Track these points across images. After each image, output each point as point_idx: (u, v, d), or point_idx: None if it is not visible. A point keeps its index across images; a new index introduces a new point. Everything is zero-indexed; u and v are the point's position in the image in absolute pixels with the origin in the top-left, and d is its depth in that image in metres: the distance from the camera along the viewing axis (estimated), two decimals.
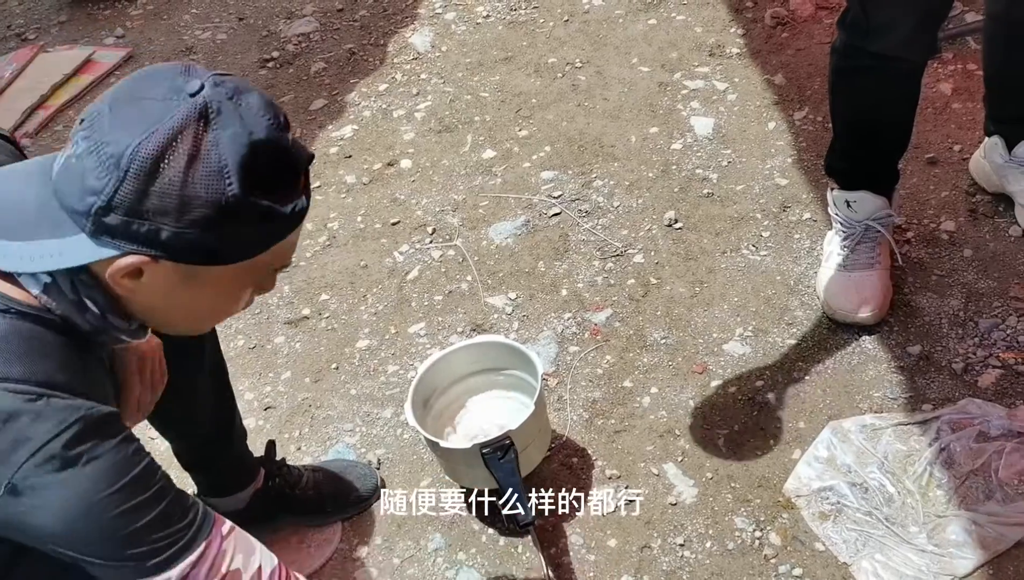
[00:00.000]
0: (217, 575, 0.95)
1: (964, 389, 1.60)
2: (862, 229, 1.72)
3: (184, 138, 0.85)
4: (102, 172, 0.85)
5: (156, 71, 0.90)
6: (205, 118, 0.86)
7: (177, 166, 0.85)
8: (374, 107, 2.51)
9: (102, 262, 0.89)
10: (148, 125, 0.85)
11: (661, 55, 2.45)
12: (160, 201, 0.85)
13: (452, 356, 1.63)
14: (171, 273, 0.90)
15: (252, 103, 0.89)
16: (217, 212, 0.86)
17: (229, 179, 0.86)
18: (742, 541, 1.48)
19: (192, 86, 0.86)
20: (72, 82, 2.81)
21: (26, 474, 0.85)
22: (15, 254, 0.89)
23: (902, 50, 1.56)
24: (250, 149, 0.87)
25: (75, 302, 0.92)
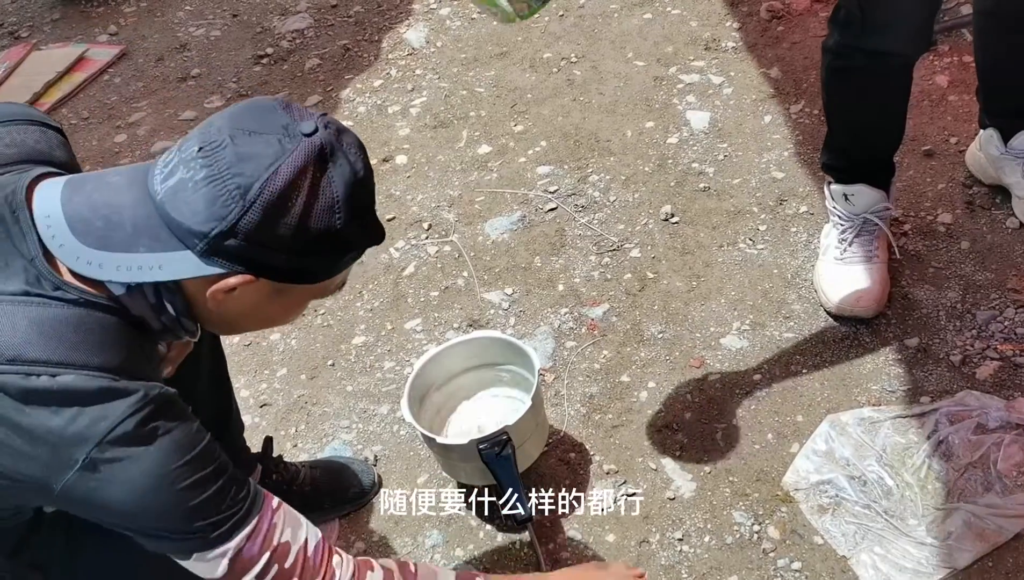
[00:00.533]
0: (269, 548, 1.01)
1: (962, 381, 1.59)
2: (860, 222, 1.72)
3: (306, 177, 0.94)
4: (228, 201, 0.92)
5: (262, 106, 0.98)
6: (323, 159, 0.95)
7: (300, 202, 0.94)
8: (369, 103, 2.50)
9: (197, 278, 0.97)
10: (272, 161, 0.93)
11: (656, 49, 2.44)
12: (279, 232, 0.94)
13: (448, 352, 1.63)
14: (264, 289, 0.99)
15: (351, 142, 0.99)
16: (325, 241, 0.97)
17: (339, 213, 0.96)
18: (741, 535, 1.48)
19: (306, 128, 0.95)
20: (66, 80, 2.80)
21: (104, 449, 0.91)
22: (111, 265, 0.95)
23: (899, 46, 1.55)
24: (355, 186, 0.97)
25: (155, 305, 0.99)
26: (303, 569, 1.04)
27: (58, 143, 1.11)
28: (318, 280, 1.02)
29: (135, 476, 0.93)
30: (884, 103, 1.66)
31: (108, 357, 0.94)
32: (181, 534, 0.98)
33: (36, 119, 1.12)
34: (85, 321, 0.95)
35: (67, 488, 0.93)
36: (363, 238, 1.03)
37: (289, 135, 0.95)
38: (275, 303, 1.03)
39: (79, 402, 0.92)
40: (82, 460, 0.92)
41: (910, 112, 1.74)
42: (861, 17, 1.53)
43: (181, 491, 0.96)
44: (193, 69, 2.76)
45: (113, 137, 2.57)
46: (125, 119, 2.63)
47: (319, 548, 1.07)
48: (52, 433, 0.91)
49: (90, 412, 0.91)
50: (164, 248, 0.95)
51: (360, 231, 1.01)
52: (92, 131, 2.61)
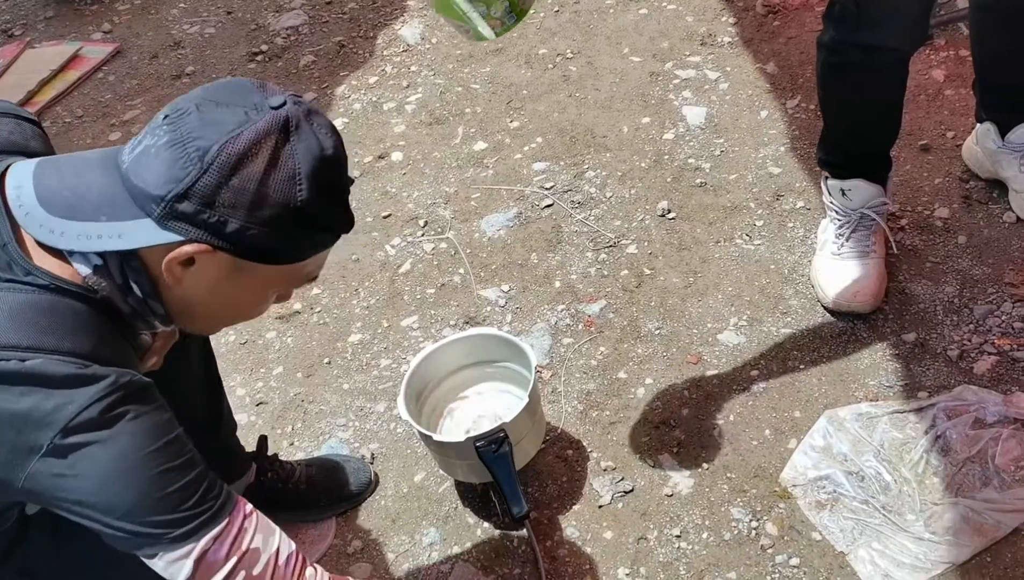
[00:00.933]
0: (237, 552, 0.99)
1: (960, 376, 1.59)
2: (857, 217, 1.71)
3: (267, 143, 0.93)
4: (186, 162, 0.92)
5: (236, 83, 0.98)
6: (287, 129, 0.94)
7: (257, 167, 0.93)
8: (364, 100, 2.49)
9: (156, 249, 0.95)
10: (235, 127, 0.93)
11: (652, 45, 2.43)
12: (235, 196, 0.92)
13: (445, 349, 1.62)
14: (222, 265, 0.97)
15: (322, 123, 0.99)
16: (284, 213, 0.95)
17: (300, 185, 0.94)
18: (739, 531, 1.47)
19: (274, 101, 0.95)
20: (59, 78, 2.79)
21: (68, 435, 0.90)
22: (72, 233, 0.94)
23: (894, 41, 1.55)
24: (320, 161, 0.96)
25: (121, 285, 0.97)
26: (273, 578, 1.01)
27: (33, 134, 1.11)
28: (280, 260, 0.99)
29: (99, 463, 0.91)
30: (880, 98, 1.66)
31: (79, 342, 0.93)
32: (146, 528, 0.95)
33: (9, 111, 1.11)
34: (56, 306, 0.94)
35: (31, 475, 0.91)
36: (327, 220, 1.00)
37: (257, 108, 0.95)
38: (234, 286, 1.00)
39: (46, 386, 0.90)
40: (46, 445, 0.90)
41: (906, 107, 1.74)
42: (856, 12, 1.52)
43: (149, 479, 0.94)
44: (187, 67, 2.75)
45: (108, 135, 2.56)
46: (119, 117, 2.62)
47: (291, 559, 1.04)
48: (17, 417, 0.90)
49: (56, 396, 0.90)
50: (124, 216, 0.94)
51: (323, 211, 0.98)
52: (86, 129, 2.60)
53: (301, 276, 1.05)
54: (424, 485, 1.63)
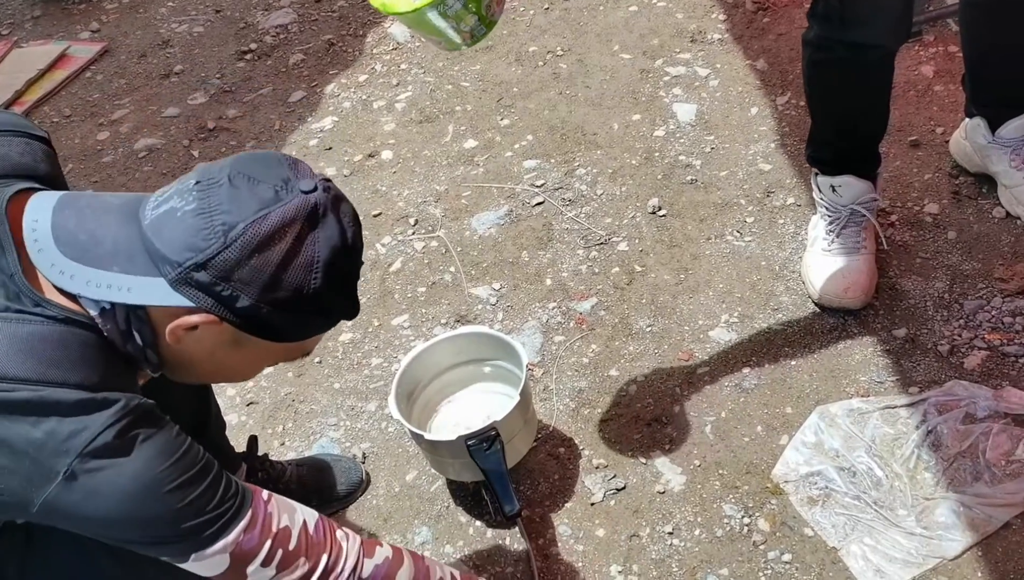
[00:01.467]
0: (269, 535, 1.02)
1: (950, 371, 1.59)
2: (847, 213, 1.71)
3: (292, 229, 0.95)
4: (209, 234, 0.93)
5: (270, 157, 1.00)
6: (314, 217, 0.96)
7: (279, 251, 0.94)
8: (354, 98, 2.48)
9: (164, 307, 0.96)
10: (262, 206, 0.94)
11: (642, 42, 2.43)
12: (251, 274, 0.94)
13: (436, 348, 1.61)
14: (224, 335, 0.98)
15: (347, 212, 1.01)
16: (295, 298, 0.96)
17: (316, 274, 0.96)
18: (731, 528, 1.47)
19: (305, 185, 0.96)
20: (47, 77, 2.77)
21: (85, 461, 0.91)
22: (82, 278, 0.95)
23: (879, 38, 1.55)
24: (339, 252, 0.98)
25: (124, 331, 0.98)
26: (308, 548, 1.05)
27: (43, 155, 1.10)
28: (280, 339, 1.01)
29: (118, 486, 0.93)
30: (866, 94, 1.66)
31: (87, 374, 0.94)
32: (174, 538, 0.98)
33: (21, 129, 1.10)
34: (65, 338, 0.94)
35: (49, 501, 0.92)
36: (334, 307, 1.02)
37: (287, 188, 0.96)
38: (233, 353, 1.02)
39: (58, 413, 0.91)
40: (63, 472, 0.91)
41: (896, 102, 1.74)
42: (840, 10, 1.52)
43: (167, 495, 0.96)
44: (176, 65, 2.74)
45: (96, 135, 2.55)
46: (108, 116, 2.60)
47: (320, 526, 1.08)
48: (32, 445, 0.91)
49: (70, 423, 0.91)
50: (137, 271, 0.95)
51: (333, 299, 1.00)
52: (75, 129, 2.59)
53: (297, 352, 1.08)
54: (416, 484, 1.63)
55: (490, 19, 1.21)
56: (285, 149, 2.38)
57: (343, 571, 1.08)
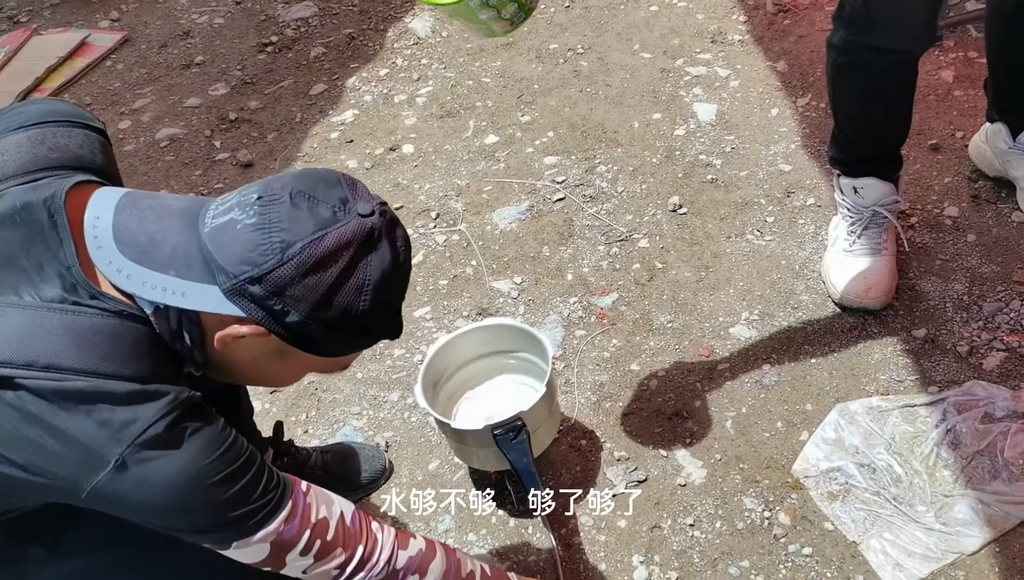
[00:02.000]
0: (308, 526, 1.05)
1: (969, 371, 1.61)
2: (869, 215, 1.73)
3: (347, 252, 0.96)
4: (267, 250, 0.95)
5: (330, 177, 1.01)
6: (369, 241, 0.98)
7: (333, 272, 0.96)
8: (375, 92, 2.50)
9: (215, 314, 0.98)
10: (320, 227, 0.96)
11: (663, 42, 2.45)
12: (304, 292, 0.96)
13: (462, 338, 1.63)
14: (270, 346, 1.00)
15: (400, 236, 1.02)
16: (343, 318, 0.98)
17: (365, 297, 0.98)
18: (751, 521, 1.49)
19: (363, 209, 0.98)
20: (67, 65, 2.79)
21: (135, 451, 0.93)
22: (139, 278, 0.97)
23: (904, 42, 1.57)
24: (389, 277, 0.99)
25: (174, 331, 1.00)
26: (345, 538, 1.08)
27: (100, 147, 1.11)
28: (323, 354, 1.03)
29: (166, 477, 0.95)
30: (890, 98, 1.68)
31: (139, 366, 0.96)
32: (218, 527, 1.01)
33: (80, 120, 1.11)
34: (118, 331, 0.96)
35: (97, 489, 0.94)
36: (379, 329, 1.04)
37: (345, 210, 0.97)
38: (275, 363, 1.04)
39: (112, 404, 0.93)
40: (114, 462, 0.93)
41: (916, 107, 1.75)
42: (865, 13, 1.54)
43: (212, 487, 0.98)
44: (197, 56, 2.75)
45: (117, 123, 2.56)
46: (129, 105, 2.62)
47: (355, 517, 1.11)
48: (85, 434, 0.93)
49: (122, 414, 0.93)
50: (193, 277, 0.97)
51: (379, 322, 1.02)
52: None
53: (336, 366, 1.11)
54: (439, 473, 1.65)
55: (529, 6, 1.22)
56: (306, 141, 2.40)
57: (378, 562, 1.11)
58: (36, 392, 0.91)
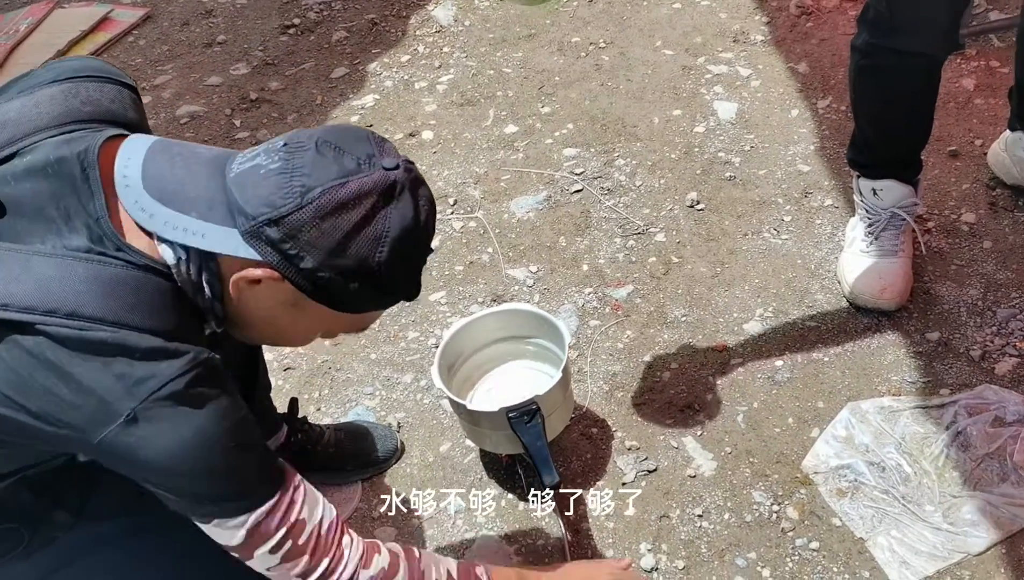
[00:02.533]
0: (286, 524, 1.04)
1: (981, 375, 1.62)
2: (887, 216, 1.74)
3: (367, 200, 0.96)
4: (287, 194, 0.95)
5: (359, 133, 1.01)
6: (391, 193, 0.97)
7: (351, 219, 0.95)
8: (396, 78, 2.51)
9: (233, 260, 0.98)
10: (343, 175, 0.96)
11: (685, 39, 2.46)
12: (319, 237, 0.95)
13: (479, 322, 1.64)
14: (284, 294, 1.00)
15: (424, 195, 1.02)
16: (357, 268, 0.97)
17: (382, 249, 0.97)
18: (760, 514, 1.50)
19: (388, 162, 0.98)
20: (89, 39, 2.80)
21: (148, 406, 0.93)
22: (161, 218, 0.97)
23: (927, 47, 1.58)
24: (409, 232, 0.99)
25: (196, 283, 1.00)
26: (315, 547, 1.06)
27: (131, 102, 1.12)
28: (337, 307, 1.01)
29: (177, 437, 0.95)
30: (911, 102, 1.69)
31: (161, 321, 0.96)
32: (208, 499, 1.00)
33: (112, 76, 1.11)
34: (143, 284, 0.96)
35: (107, 441, 0.94)
36: (395, 285, 1.02)
37: (370, 163, 0.97)
38: (290, 315, 1.03)
39: (130, 356, 0.93)
40: (126, 415, 0.93)
41: (936, 113, 1.76)
42: (889, 16, 1.55)
43: (217, 457, 0.97)
44: (219, 36, 2.76)
45: None
46: (150, 81, 2.63)
47: (332, 527, 1.09)
48: (101, 385, 0.92)
49: (140, 368, 0.93)
50: (214, 220, 0.97)
51: (394, 276, 1.00)
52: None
53: (353, 325, 1.09)
54: (450, 455, 1.66)
55: None
56: (326, 124, 2.41)
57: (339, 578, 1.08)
58: (56, 339, 0.91)
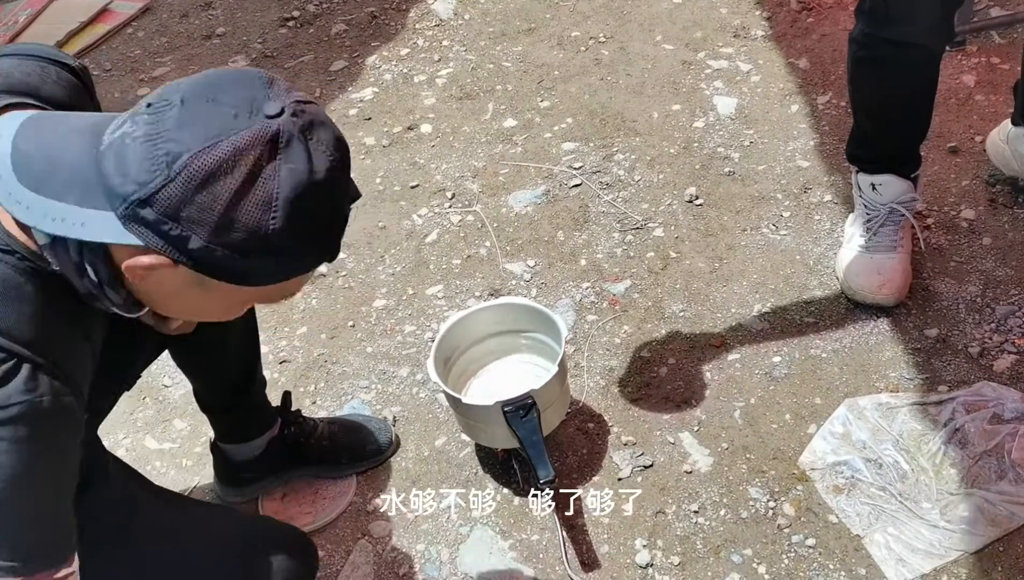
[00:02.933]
0: None
1: (979, 372, 1.62)
2: (886, 212, 1.73)
3: (246, 159, 0.82)
4: (152, 166, 0.82)
5: (239, 76, 0.87)
6: (274, 145, 0.83)
7: (229, 186, 0.82)
8: (395, 71, 2.50)
9: (121, 247, 0.87)
10: (214, 133, 0.82)
11: (685, 34, 2.45)
12: (199, 213, 0.83)
13: (475, 316, 1.64)
14: (186, 277, 0.88)
15: (323, 140, 0.87)
16: (252, 240, 0.84)
17: (275, 213, 0.84)
18: (756, 510, 1.50)
19: (271, 108, 0.84)
20: (88, 30, 2.79)
21: None
22: (38, 210, 0.86)
23: (921, 37, 1.57)
24: (305, 188, 0.84)
25: (76, 264, 0.89)
26: None
27: (57, 78, 1.02)
28: (246, 283, 0.89)
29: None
30: (909, 95, 1.68)
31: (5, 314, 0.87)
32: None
33: (45, 55, 1.04)
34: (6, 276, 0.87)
35: None
36: (304, 250, 0.89)
37: (251, 112, 0.83)
38: (198, 294, 0.91)
39: None
40: None
41: (936, 109, 1.76)
42: (885, 7, 1.55)
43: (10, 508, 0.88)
44: (218, 28, 2.75)
45: (136, 90, 2.56)
46: (148, 73, 2.62)
47: None
48: None
49: None
50: (91, 204, 0.85)
51: (300, 242, 0.87)
52: (115, 83, 2.61)
53: (276, 294, 0.94)
54: (445, 449, 1.65)
55: None
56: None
57: None
58: None
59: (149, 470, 1.68)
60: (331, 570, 1.50)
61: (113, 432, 1.73)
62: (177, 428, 1.75)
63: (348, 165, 0.90)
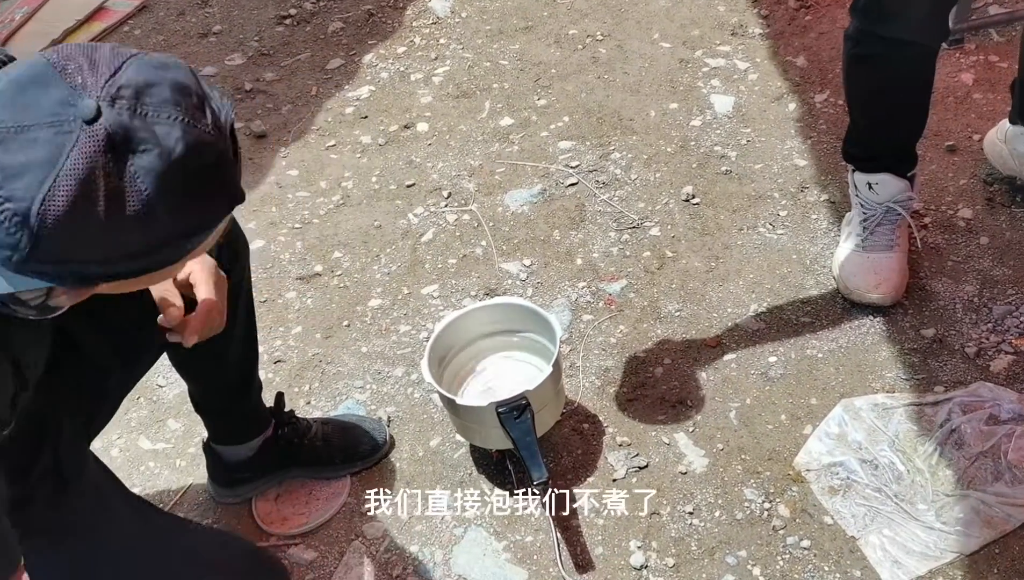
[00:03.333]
0: None
1: (976, 373, 1.61)
2: (883, 211, 1.73)
3: (95, 181, 0.75)
4: (11, 228, 0.75)
5: (28, 79, 0.77)
6: (114, 151, 0.76)
7: (97, 214, 0.76)
8: (391, 69, 2.49)
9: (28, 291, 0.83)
10: (46, 170, 0.74)
11: (683, 32, 2.44)
12: (85, 249, 0.78)
13: (470, 316, 1.63)
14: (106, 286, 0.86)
15: (159, 103, 0.78)
16: (147, 242, 0.80)
17: (155, 210, 0.78)
18: (751, 511, 1.49)
19: (85, 109, 0.75)
20: (84, 28, 2.78)
21: None
22: None
23: (915, 34, 1.56)
24: (171, 170, 0.78)
25: None
26: None
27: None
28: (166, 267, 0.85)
29: None
30: (904, 92, 1.68)
31: None
32: None
33: None
34: None
35: None
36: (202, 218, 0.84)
37: (67, 125, 0.75)
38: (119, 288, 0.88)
39: None
40: None
41: (934, 108, 1.75)
42: (879, 4, 1.54)
43: None
44: (215, 26, 2.74)
45: None
46: None
47: None
48: None
49: None
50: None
51: (195, 215, 0.82)
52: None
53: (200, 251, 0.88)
54: (440, 450, 1.65)
55: None
56: (321, 115, 2.39)
57: None
58: None
59: (143, 470, 1.68)
60: (324, 571, 1.50)
61: (106, 432, 1.72)
62: (171, 428, 1.75)
63: (200, 104, 0.80)
